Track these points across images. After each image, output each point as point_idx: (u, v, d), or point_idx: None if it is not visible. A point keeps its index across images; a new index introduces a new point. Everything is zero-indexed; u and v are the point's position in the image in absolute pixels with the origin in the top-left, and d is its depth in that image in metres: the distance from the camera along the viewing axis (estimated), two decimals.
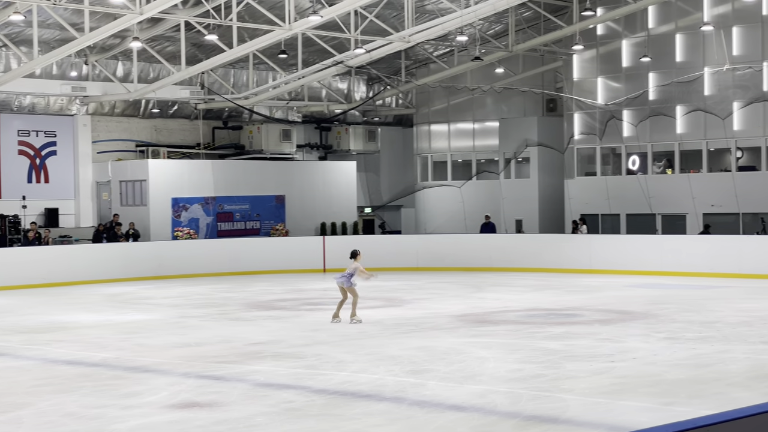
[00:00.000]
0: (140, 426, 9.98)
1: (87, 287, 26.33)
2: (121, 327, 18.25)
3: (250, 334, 16.96)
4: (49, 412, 10.70)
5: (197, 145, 36.21)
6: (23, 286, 25.98)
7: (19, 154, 32.50)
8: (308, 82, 35.09)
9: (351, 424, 9.89)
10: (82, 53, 31.04)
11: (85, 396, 11.53)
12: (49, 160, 33.12)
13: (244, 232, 34.58)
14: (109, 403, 11.07)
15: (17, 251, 27.97)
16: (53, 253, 28.28)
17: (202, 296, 23.96)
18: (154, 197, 32.95)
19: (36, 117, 32.82)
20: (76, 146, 33.53)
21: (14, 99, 31.95)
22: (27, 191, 32.01)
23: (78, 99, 32.91)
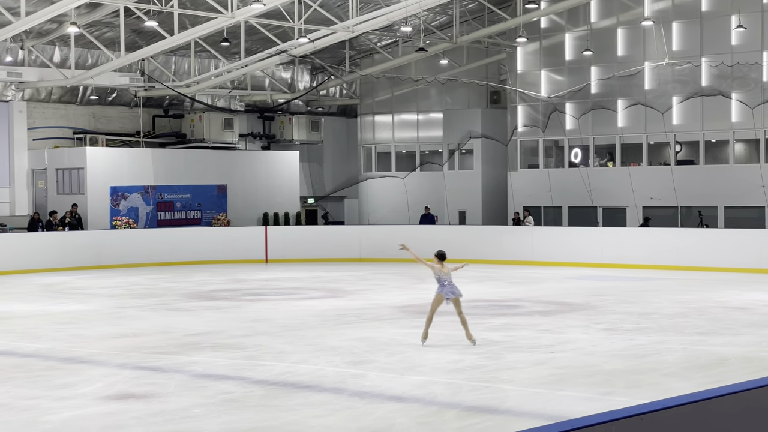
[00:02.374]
0: (74, 417, 9.77)
1: (21, 277, 25.86)
2: (56, 317, 17.92)
3: (190, 324, 16.74)
4: None
5: (137, 133, 35.70)
6: None
7: None
8: (251, 71, 34.78)
9: (290, 415, 9.76)
10: (18, 38, 30.44)
11: (17, 387, 11.28)
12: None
13: (184, 221, 34.19)
14: (42, 394, 10.84)
15: None
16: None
17: (140, 286, 23.63)
18: (92, 186, 32.41)
19: None
20: (11, 133, 32.85)
21: None
22: None
23: (13, 84, 32.27)
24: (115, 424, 9.43)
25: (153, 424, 9.41)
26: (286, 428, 9.23)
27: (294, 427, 9.28)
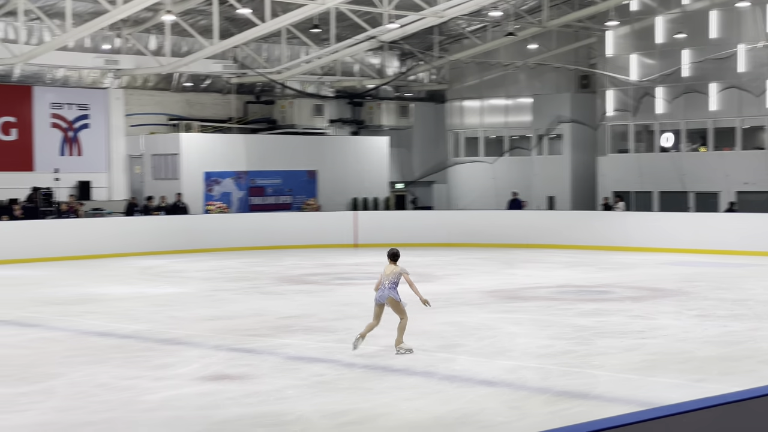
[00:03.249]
0: (171, 397, 10.03)
1: (119, 260, 26.50)
2: (153, 299, 18.35)
3: (281, 307, 17.01)
4: (82, 382, 10.77)
5: (229, 119, 36.26)
6: (56, 258, 26.18)
7: (52, 127, 32.67)
8: (341, 57, 35.00)
9: (381, 398, 9.90)
10: (115, 26, 31.10)
11: (116, 367, 11.60)
12: (82, 133, 33.28)
13: (275, 206, 34.62)
14: (140, 375, 11.14)
15: (50, 223, 28.15)
16: (86, 225, 28.48)
17: (233, 270, 24.05)
18: (187, 171, 33.04)
19: (69, 90, 32.95)
20: (109, 119, 33.66)
21: (47, 72, 32.09)
22: (60, 164, 32.20)
23: (111, 72, 33.03)
24: (211, 404, 9.67)
25: (248, 405, 9.63)
26: (378, 411, 9.37)
27: (385, 409, 9.42)
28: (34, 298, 18.59)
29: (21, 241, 26.36)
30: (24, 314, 16.41)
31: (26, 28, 30.06)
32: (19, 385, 10.57)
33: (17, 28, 29.75)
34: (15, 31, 29.93)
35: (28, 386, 10.55)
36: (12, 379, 10.91)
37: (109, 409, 9.52)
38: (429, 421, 8.97)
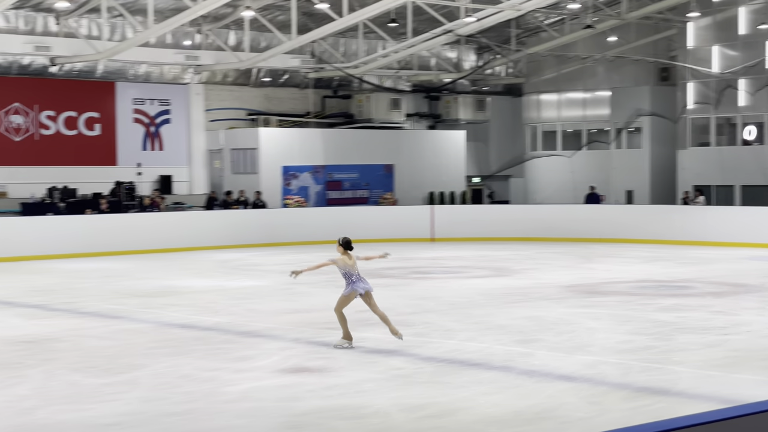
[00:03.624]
0: (252, 389, 10.16)
1: (199, 253, 26.87)
2: (233, 292, 18.59)
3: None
4: (165, 373, 10.96)
5: (307, 113, 36.52)
6: (138, 251, 26.64)
7: (135, 122, 33.26)
8: (418, 51, 35.01)
9: (460, 392, 9.92)
10: (195, 22, 31.51)
11: (198, 359, 11.78)
12: (163, 128, 33.81)
13: (352, 200, 34.80)
14: (221, 366, 11.30)
15: (133, 217, 28.65)
16: (167, 219, 28.94)
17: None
18: (265, 165, 33.39)
19: (151, 85, 33.50)
20: (189, 114, 34.15)
21: (130, 68, 32.66)
22: (142, 158, 32.76)
23: (191, 68, 33.48)
24: (291, 396, 9.77)
25: (327, 397, 9.72)
26: (456, 405, 9.39)
27: (464, 403, 9.44)
28: (118, 290, 18.95)
29: (105, 235, 26.87)
30: (108, 306, 16.75)
31: (109, 25, 30.62)
32: (104, 376, 10.80)
33: (101, 25, 30.32)
34: (98, 28, 30.49)
35: (113, 377, 10.77)
36: (98, 369, 11.15)
37: (192, 400, 9.67)
38: (508, 416, 8.97)
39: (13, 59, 30.28)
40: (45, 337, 13.38)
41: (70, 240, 26.21)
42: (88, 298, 17.91)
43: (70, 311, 16.21)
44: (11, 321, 15.06)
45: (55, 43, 29.80)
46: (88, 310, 16.33)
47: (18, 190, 30.08)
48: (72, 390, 10.15)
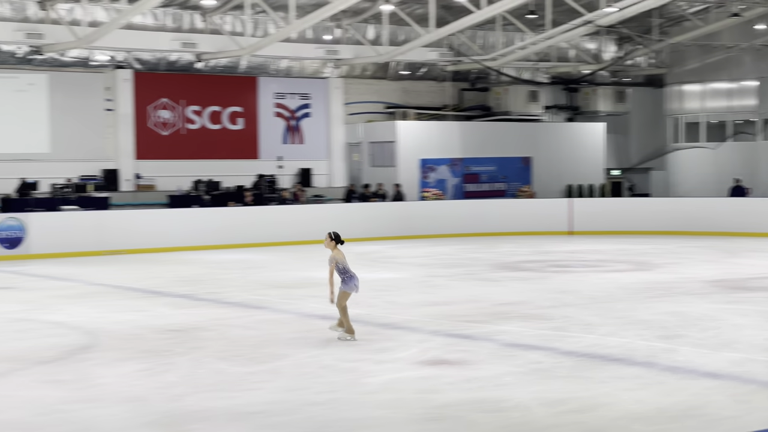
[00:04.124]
0: (392, 380, 10.26)
1: None
2: (371, 284, 18.74)
3: (497, 294, 17.08)
4: (307, 363, 11.16)
5: (445, 106, 36.57)
6: (279, 243, 27.15)
7: (276, 116, 33.90)
8: (556, 43, 34.63)
9: (601, 387, 9.81)
10: (335, 17, 31.88)
11: (339, 350, 11.94)
12: (304, 121, 34.37)
13: (490, 193, 34.71)
14: (362, 358, 11.43)
15: (274, 209, 29.18)
16: (307, 211, 29.39)
17: (448, 256, 24.28)
18: (403, 158, 33.59)
19: (291, 80, 34.07)
20: (329, 108, 34.61)
21: (271, 63, 33.27)
22: (282, 152, 33.39)
23: (331, 62, 33.91)
24: (431, 388, 9.83)
25: (467, 390, 9.74)
26: (598, 400, 9.30)
27: (606, 399, 9.33)
28: (261, 281, 19.37)
29: (248, 226, 27.46)
30: (251, 297, 17.14)
31: (252, 21, 31.28)
32: (249, 365, 11.06)
33: (244, 22, 31.02)
34: (242, 24, 31.20)
35: (257, 366, 11.02)
36: (242, 358, 11.43)
37: (333, 390, 9.82)
38: (652, 413, 8.83)
39: (161, 56, 31.22)
40: (192, 326, 13.77)
41: (214, 231, 26.88)
42: (231, 288, 18.36)
43: (215, 301, 16.65)
44: (160, 310, 15.55)
45: (200, 40, 30.61)
46: (232, 300, 16.73)
47: (165, 183, 31.02)
48: (218, 378, 10.43)
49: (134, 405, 9.24)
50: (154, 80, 31.64)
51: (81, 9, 28.68)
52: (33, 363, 11.30)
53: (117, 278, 20.25)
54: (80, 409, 9.08)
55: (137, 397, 9.57)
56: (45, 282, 19.86)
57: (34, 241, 24.54)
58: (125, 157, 31.12)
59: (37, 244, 24.53)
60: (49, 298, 17.11)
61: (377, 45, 33.07)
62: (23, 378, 10.54)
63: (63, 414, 8.90)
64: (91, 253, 24.98)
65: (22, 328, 13.95)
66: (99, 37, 27.79)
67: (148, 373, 10.66)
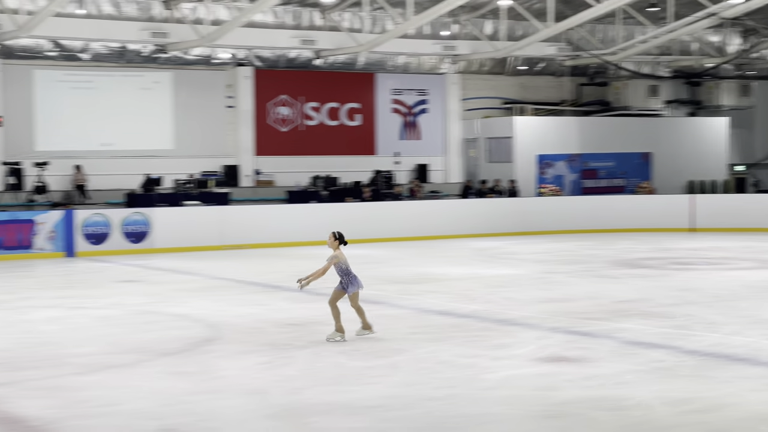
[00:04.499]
0: (510, 377, 10.22)
1: (455, 241, 27.21)
2: (489, 280, 18.72)
3: (617, 291, 16.85)
4: (425, 359, 11.19)
5: (563, 101, 36.21)
6: (396, 239, 27.27)
7: (393, 112, 34.07)
8: (678, 36, 33.96)
9: (725, 387, 9.60)
10: (453, 13, 31.87)
11: (457, 345, 11.94)
12: (421, 117, 34.46)
13: (608, 189, 34.25)
14: (480, 354, 11.41)
15: (391, 205, 29.33)
16: (424, 207, 29.45)
17: (567, 252, 24.05)
18: (520, 154, 33.40)
19: (409, 76, 34.19)
20: (446, 104, 34.62)
21: (389, 59, 33.44)
22: (399, 147, 33.52)
23: (448, 58, 33.90)
24: (549, 385, 9.76)
25: (586, 388, 9.64)
26: (722, 400, 9.10)
27: (730, 399, 9.13)
28: (378, 276, 19.47)
29: (366, 222, 27.65)
30: (369, 291, 17.17)
31: (370, 18, 31.49)
32: (367, 359, 11.15)
33: (362, 18, 31.25)
34: (360, 21, 31.44)
35: (375, 360, 11.11)
36: (361, 353, 11.52)
37: (451, 386, 9.83)
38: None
39: (280, 53, 31.68)
40: (311, 321, 13.95)
41: (332, 227, 27.00)
42: None
43: None
44: (279, 304, 15.79)
45: (319, 37, 30.96)
46: None
47: (284, 179, 31.48)
48: (337, 372, 10.54)
49: (255, 397, 9.40)
50: (274, 77, 32.12)
51: (204, 8, 29.30)
52: (158, 354, 11.60)
53: (238, 272, 20.62)
54: (204, 401, 9.28)
55: (258, 389, 9.74)
56: (169, 275, 20.36)
57: (158, 235, 25.16)
58: (245, 153, 31.68)
59: (160, 238, 25.15)
60: (173, 291, 17.53)
61: (495, 40, 32.94)
62: (149, 369, 10.83)
63: (187, 405, 9.12)
64: (213, 247, 25.49)
65: (147, 320, 14.33)
66: (221, 36, 28.34)
67: (268, 366, 10.84)
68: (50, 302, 16.37)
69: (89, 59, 29.71)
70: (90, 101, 29.90)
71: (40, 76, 29.38)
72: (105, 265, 22.35)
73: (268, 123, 32.15)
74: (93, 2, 28.53)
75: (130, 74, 30.32)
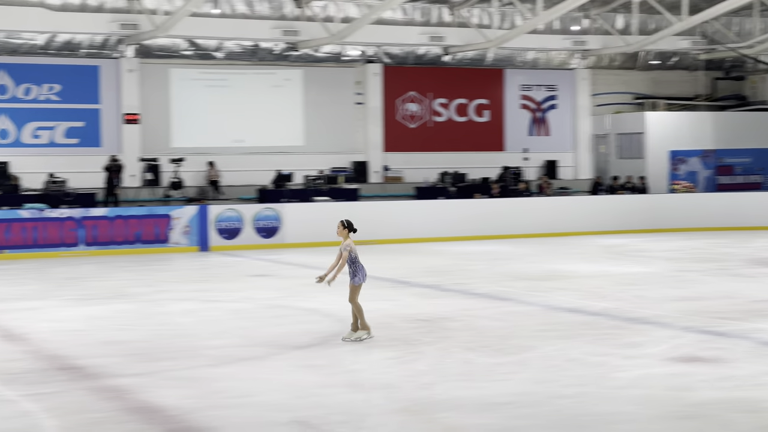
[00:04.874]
0: (642, 376, 10.07)
1: (584, 238, 26.90)
2: (619, 278, 18.46)
3: (753, 290, 16.42)
4: (554, 356, 11.11)
5: (696, 96, 35.41)
6: (524, 235, 27.10)
7: (522, 108, 33.88)
8: None
9: None
10: (583, 7, 31.50)
11: (586, 343, 11.82)
12: (550, 113, 34.17)
13: (744, 186, 33.37)
14: (610, 352, 11.27)
15: (519, 201, 29.16)
16: (552, 203, 29.21)
17: (700, 250, 23.54)
18: (651, 150, 32.83)
19: (537, 72, 33.95)
20: (575, 99, 34.24)
21: (518, 55, 33.25)
22: (528, 144, 33.31)
23: (578, 53, 33.52)
24: (683, 386, 9.58)
25: (721, 389, 9.44)
26: None
27: None
28: (506, 273, 19.42)
29: (493, 218, 27.56)
30: (497, 288, 17.22)
31: (500, 14, 31.38)
32: (496, 356, 11.14)
33: (491, 14, 31.15)
34: (489, 17, 31.34)
35: (504, 357, 11.08)
36: (490, 349, 11.51)
37: (581, 384, 9.74)
38: None
39: (409, 50, 31.82)
40: (439, 316, 13.99)
41: (460, 223, 27.13)
42: (477, 279, 18.50)
43: (461, 292, 16.83)
44: (408, 300, 15.88)
45: (448, 33, 30.99)
46: (477, 291, 16.87)
47: (413, 175, 31.61)
48: (466, 368, 10.55)
49: (385, 391, 9.49)
50: (403, 74, 32.28)
51: (334, 6, 29.65)
52: (290, 348, 11.81)
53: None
54: (335, 394, 9.41)
55: (388, 384, 9.82)
56: (299, 270, 20.66)
57: (289, 230, 25.56)
58: (374, 149, 31.93)
59: (291, 233, 25.54)
60: (303, 286, 17.78)
61: (626, 34, 32.44)
62: (280, 362, 11.03)
63: (319, 398, 9.26)
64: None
65: (278, 314, 14.60)
66: (351, 33, 28.63)
67: (398, 361, 10.92)
68: (186, 295, 16.83)
69: (223, 57, 30.38)
70: (223, 99, 30.56)
71: (176, 75, 30.17)
72: (237, 259, 22.83)
73: (397, 119, 32.33)
74: (227, 2, 29.16)
75: (262, 72, 30.88)
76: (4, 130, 28.37)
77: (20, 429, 8.33)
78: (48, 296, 16.81)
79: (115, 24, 27.58)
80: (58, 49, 28.56)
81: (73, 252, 23.54)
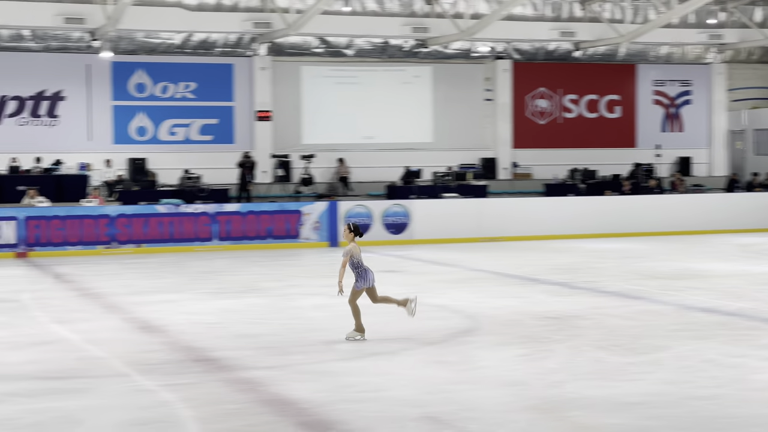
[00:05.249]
0: None
1: (718, 236, 26.28)
2: (756, 278, 17.98)
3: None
4: (688, 356, 10.89)
5: None
6: (656, 233, 26.62)
7: (654, 104, 33.28)
8: None
9: None
10: (720, 0, 30.77)
11: (722, 344, 11.56)
12: (683, 109, 33.47)
13: None
14: (747, 353, 10.99)
15: (651, 199, 28.64)
16: (687, 201, 28.60)
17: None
18: None
19: (671, 66, 33.29)
20: (711, 95, 33.46)
21: (651, 49, 32.67)
22: (660, 140, 32.69)
23: (714, 47, 32.74)
24: None
25: None
26: None
27: None
28: (637, 271, 19.10)
29: (624, 215, 27.14)
30: (629, 286, 16.95)
31: (632, 8, 30.90)
32: (628, 355, 10.98)
33: (624, 8, 30.68)
34: (621, 11, 30.88)
35: (636, 356, 10.91)
36: (621, 348, 11.35)
37: (717, 386, 9.53)
38: None
39: (539, 45, 31.58)
40: (569, 314, 13.85)
41: (590, 220, 26.81)
42: (608, 277, 18.26)
43: (592, 290, 16.63)
44: (538, 297, 15.78)
45: (579, 29, 30.66)
46: (608, 289, 16.64)
47: (542, 172, 31.37)
48: (597, 366, 10.43)
49: (515, 389, 9.45)
50: (532, 70, 32.06)
51: (464, 2, 29.64)
52: (420, 344, 11.86)
53: (495, 265, 20.75)
54: (464, 390, 9.42)
55: (517, 381, 9.78)
56: (428, 266, 20.73)
57: (417, 227, 25.65)
58: (503, 146, 31.80)
59: (419, 229, 25.63)
60: (433, 282, 17.83)
61: (765, 28, 31.53)
62: (412, 358, 11.09)
63: (448, 394, 9.28)
64: (470, 239, 25.74)
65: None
66: (480, 29, 28.57)
67: (527, 359, 10.86)
68: (316, 290, 17.04)
69: (353, 55, 30.67)
70: (353, 96, 30.86)
71: (307, 72, 30.60)
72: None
73: (526, 116, 32.13)
74: (358, 0, 29.43)
75: (392, 69, 31.06)
76: (143, 127, 29.24)
77: (159, 418, 8.57)
78: (184, 289, 17.27)
79: (249, 23, 28.14)
80: (193, 48, 29.29)
81: (207, 246, 24.10)
